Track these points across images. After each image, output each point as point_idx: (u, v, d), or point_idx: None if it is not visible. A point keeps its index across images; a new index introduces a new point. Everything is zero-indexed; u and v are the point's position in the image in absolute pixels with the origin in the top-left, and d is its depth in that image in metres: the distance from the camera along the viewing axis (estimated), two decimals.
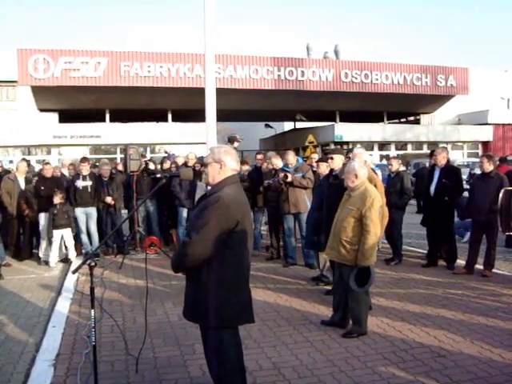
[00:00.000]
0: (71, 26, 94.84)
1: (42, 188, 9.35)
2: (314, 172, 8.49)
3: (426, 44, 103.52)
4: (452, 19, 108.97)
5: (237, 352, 3.46)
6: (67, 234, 9.19)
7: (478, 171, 10.36)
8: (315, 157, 11.69)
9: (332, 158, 6.48)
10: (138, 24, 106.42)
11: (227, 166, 3.36)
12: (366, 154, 6.47)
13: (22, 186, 9.74)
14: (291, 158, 8.61)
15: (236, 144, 9.34)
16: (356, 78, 28.00)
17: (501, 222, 7.05)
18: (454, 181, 8.02)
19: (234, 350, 3.41)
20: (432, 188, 8.21)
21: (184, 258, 3.25)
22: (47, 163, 10.35)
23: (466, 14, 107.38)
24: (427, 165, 14.90)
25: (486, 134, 32.49)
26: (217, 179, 3.36)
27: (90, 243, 9.51)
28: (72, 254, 9.25)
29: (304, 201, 8.26)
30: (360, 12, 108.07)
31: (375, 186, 5.66)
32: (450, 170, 8.24)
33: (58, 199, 9.04)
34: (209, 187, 3.55)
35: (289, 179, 8.19)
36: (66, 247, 9.35)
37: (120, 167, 11.55)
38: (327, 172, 6.96)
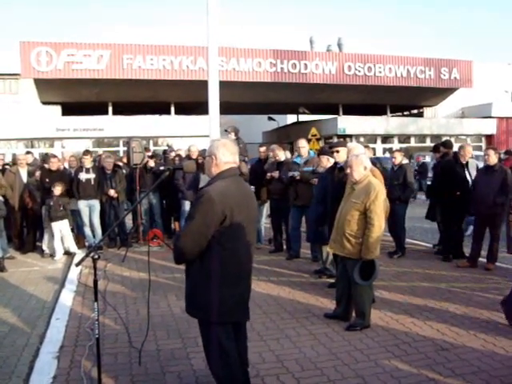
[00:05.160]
0: (71, 22, 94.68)
1: (47, 180, 9.35)
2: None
3: (429, 38, 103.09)
4: (455, 13, 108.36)
5: (236, 346, 3.42)
6: (64, 226, 9.20)
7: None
8: None
9: (338, 152, 6.46)
10: (139, 16, 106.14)
11: (219, 159, 3.34)
12: (360, 148, 6.41)
13: (25, 179, 9.72)
14: (304, 150, 8.44)
15: (232, 135, 9.26)
16: (359, 71, 27.90)
17: None
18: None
19: (231, 344, 3.37)
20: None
21: (177, 251, 3.26)
22: (54, 156, 10.32)
23: (469, 7, 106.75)
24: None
25: (489, 127, 32.38)
26: (213, 172, 3.36)
27: (93, 236, 9.53)
28: (72, 246, 9.26)
29: (311, 193, 8.14)
30: (362, 8, 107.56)
31: (374, 176, 5.62)
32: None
33: (57, 191, 9.02)
34: None
35: (297, 178, 8.09)
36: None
37: (125, 160, 11.54)
38: (329, 165, 6.93)
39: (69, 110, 26.91)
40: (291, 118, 39.13)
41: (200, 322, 3.42)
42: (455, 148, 9.22)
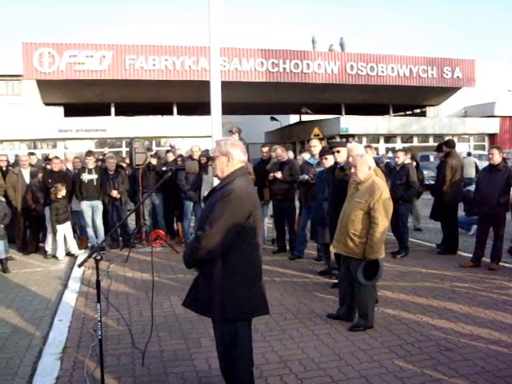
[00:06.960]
0: (72, 23, 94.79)
1: (50, 181, 9.36)
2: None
3: (432, 37, 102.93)
4: (457, 12, 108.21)
5: (250, 345, 3.45)
6: (68, 228, 9.21)
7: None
8: None
9: (339, 152, 6.44)
10: (140, 17, 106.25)
11: (235, 158, 3.34)
12: (360, 148, 6.40)
13: (27, 180, 9.74)
14: (316, 149, 8.27)
15: (236, 136, 9.26)
16: (362, 71, 27.88)
17: None
18: None
19: (248, 343, 3.41)
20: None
21: (198, 252, 3.20)
22: (56, 157, 10.32)
23: (472, 5, 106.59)
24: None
25: (492, 126, 32.31)
26: (226, 172, 3.34)
27: (96, 237, 9.53)
28: (73, 248, 9.27)
29: None
30: (364, 7, 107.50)
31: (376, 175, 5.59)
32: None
33: (62, 193, 9.01)
34: (216, 180, 3.53)
35: (311, 182, 8.06)
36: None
37: (128, 161, 11.54)
38: (330, 164, 6.91)
39: (71, 110, 26.96)
40: (294, 118, 39.16)
41: (218, 322, 3.35)
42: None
